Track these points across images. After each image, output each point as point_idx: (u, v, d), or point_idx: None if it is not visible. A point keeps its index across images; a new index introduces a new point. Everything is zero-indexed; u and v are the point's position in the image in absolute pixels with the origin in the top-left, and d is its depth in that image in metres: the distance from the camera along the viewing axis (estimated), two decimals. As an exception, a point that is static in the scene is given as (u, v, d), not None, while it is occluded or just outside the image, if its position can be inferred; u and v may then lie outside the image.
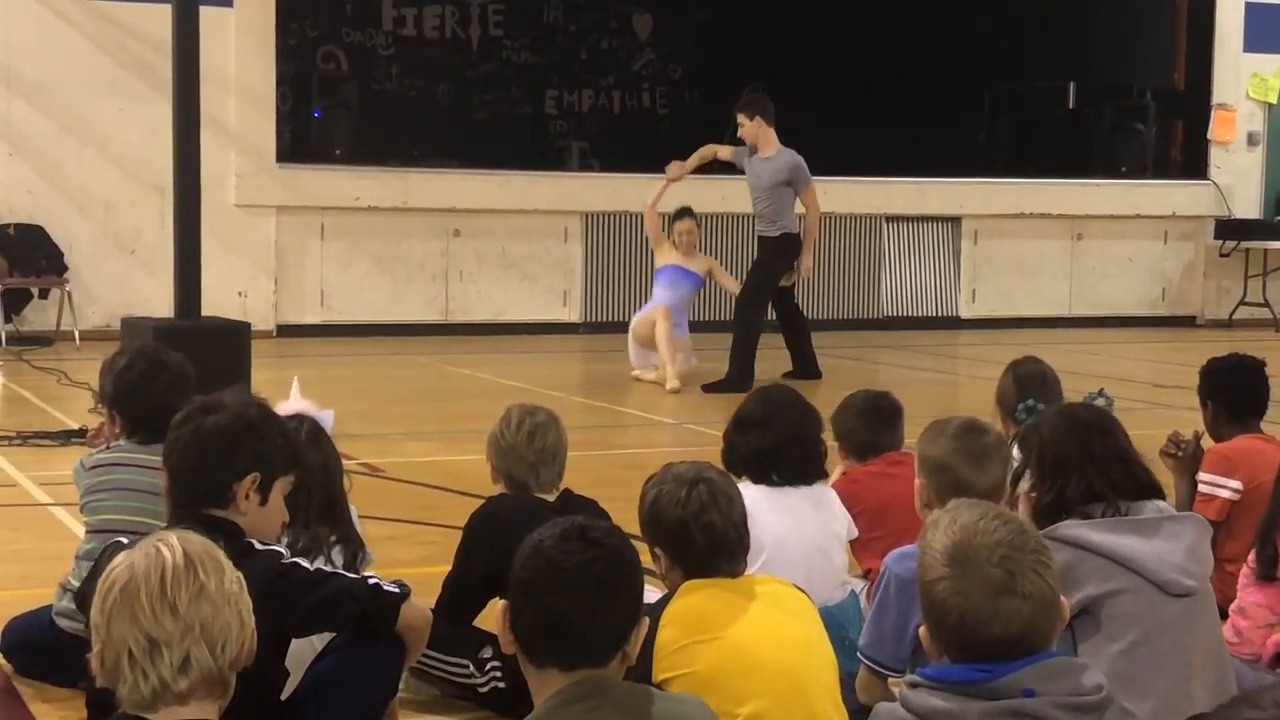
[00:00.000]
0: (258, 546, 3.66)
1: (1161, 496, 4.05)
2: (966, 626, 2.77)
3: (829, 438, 5.19)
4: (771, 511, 4.62)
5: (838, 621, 4.40)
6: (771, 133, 12.29)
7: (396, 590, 3.82)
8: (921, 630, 2.88)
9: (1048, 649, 2.80)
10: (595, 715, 2.74)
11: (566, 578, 2.79)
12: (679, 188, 13.89)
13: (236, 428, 3.75)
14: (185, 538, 2.68)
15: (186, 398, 4.78)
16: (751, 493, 4.38)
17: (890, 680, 4.08)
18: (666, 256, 12.61)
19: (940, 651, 2.83)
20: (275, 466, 3.78)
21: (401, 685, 4.62)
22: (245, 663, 2.65)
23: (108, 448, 4.99)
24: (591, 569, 2.79)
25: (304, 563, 3.77)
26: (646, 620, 2.87)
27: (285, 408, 4.52)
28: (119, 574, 2.63)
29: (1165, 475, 4.41)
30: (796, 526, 4.75)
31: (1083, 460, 3.96)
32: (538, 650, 2.81)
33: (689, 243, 12.57)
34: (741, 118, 12.33)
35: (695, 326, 13.13)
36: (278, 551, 3.73)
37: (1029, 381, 5.90)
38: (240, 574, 2.68)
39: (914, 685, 2.83)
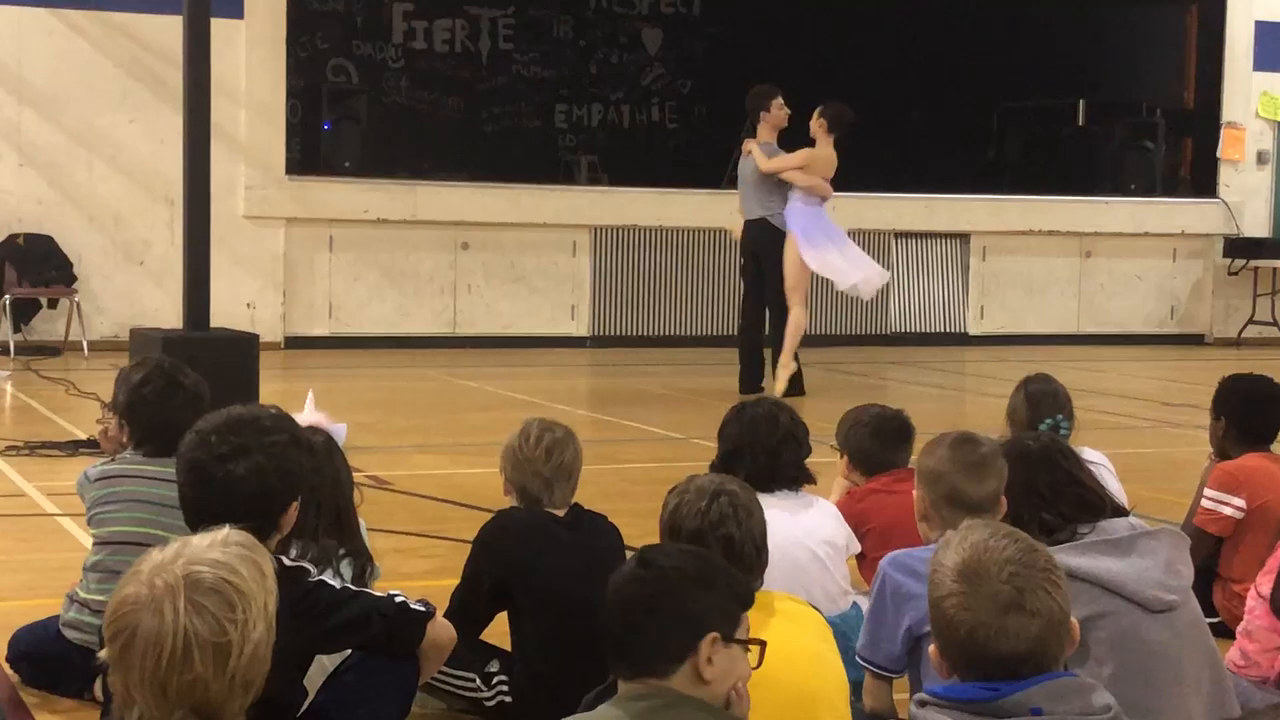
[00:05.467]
0: (286, 563, 3.63)
1: (1125, 514, 4.06)
2: (975, 642, 2.77)
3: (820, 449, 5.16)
4: None
5: (841, 631, 4.41)
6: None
7: (423, 609, 3.80)
8: (931, 649, 2.89)
9: (1056, 669, 2.80)
10: (653, 714, 2.89)
11: (612, 598, 2.98)
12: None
13: (298, 456, 3.68)
14: (209, 584, 2.52)
15: (199, 417, 4.78)
16: None
17: (895, 684, 4.12)
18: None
19: (949, 670, 2.84)
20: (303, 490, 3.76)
21: (408, 699, 4.63)
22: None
23: (113, 460, 5.00)
24: (629, 589, 2.96)
25: (330, 580, 3.75)
26: (714, 637, 2.94)
27: (299, 420, 4.51)
28: (126, 619, 2.52)
29: (1143, 490, 4.40)
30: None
31: (1030, 490, 3.99)
32: (609, 663, 3.01)
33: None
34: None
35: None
36: (304, 569, 3.70)
37: (1041, 399, 5.90)
38: (270, 603, 2.58)
39: (922, 703, 2.83)
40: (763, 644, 3.02)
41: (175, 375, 5.01)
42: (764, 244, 12.23)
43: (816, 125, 12.23)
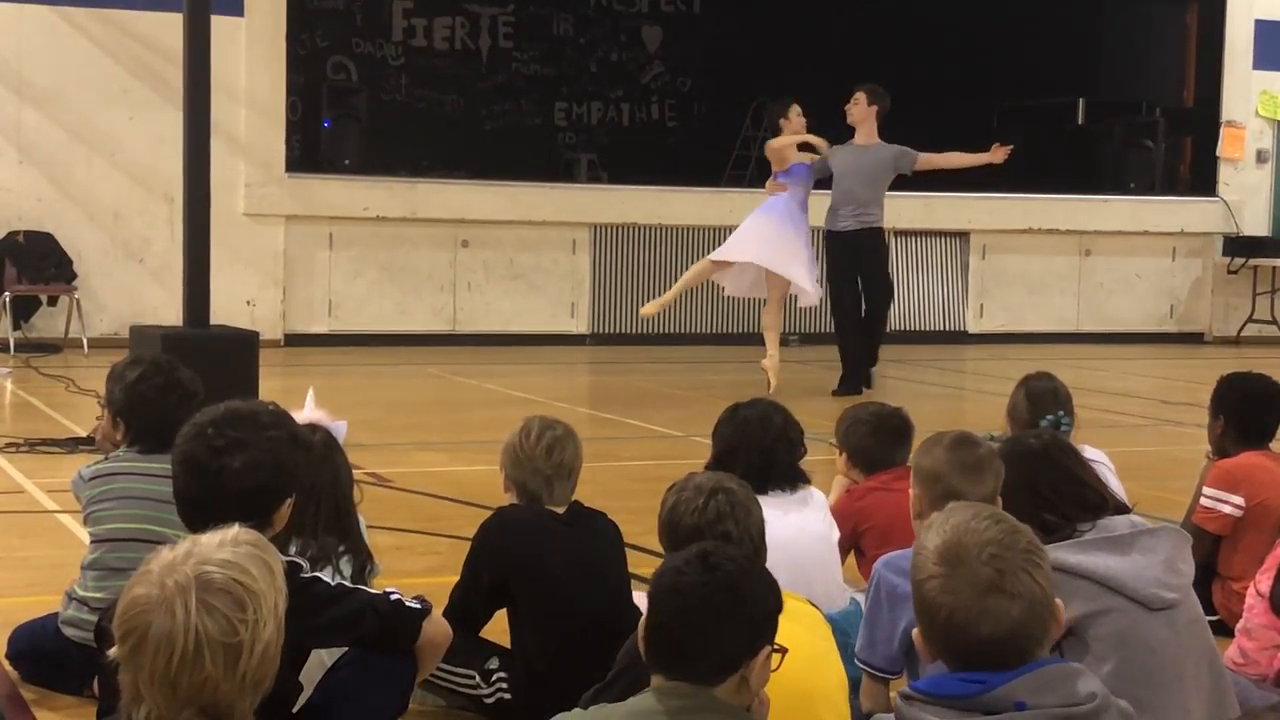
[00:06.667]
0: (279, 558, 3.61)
1: (1127, 511, 4.06)
2: (955, 625, 2.75)
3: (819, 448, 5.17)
4: None
5: (841, 628, 4.42)
6: (875, 125, 12.39)
7: (418, 606, 3.78)
8: (915, 632, 2.87)
9: (1039, 651, 2.78)
10: (688, 714, 2.89)
11: (679, 599, 2.94)
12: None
13: (294, 454, 3.66)
14: (220, 585, 2.53)
15: (180, 415, 4.78)
16: None
17: (893, 683, 4.13)
18: (793, 157, 12.20)
19: (933, 654, 2.83)
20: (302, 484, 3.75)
21: (407, 695, 4.62)
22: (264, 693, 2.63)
23: (107, 458, 4.99)
24: (701, 593, 2.93)
25: (324, 577, 3.74)
26: (768, 650, 2.96)
27: (299, 417, 4.50)
28: (137, 619, 2.52)
29: (1142, 489, 4.41)
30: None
31: (1031, 489, 3.99)
32: (650, 659, 2.98)
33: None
34: (860, 96, 12.38)
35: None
36: (297, 564, 3.68)
37: (1041, 396, 5.90)
38: (280, 603, 2.59)
39: (907, 699, 2.81)
40: (784, 650, 3.01)
41: (172, 372, 5.00)
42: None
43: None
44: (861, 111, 12.37)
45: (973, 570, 2.75)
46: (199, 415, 3.67)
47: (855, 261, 12.38)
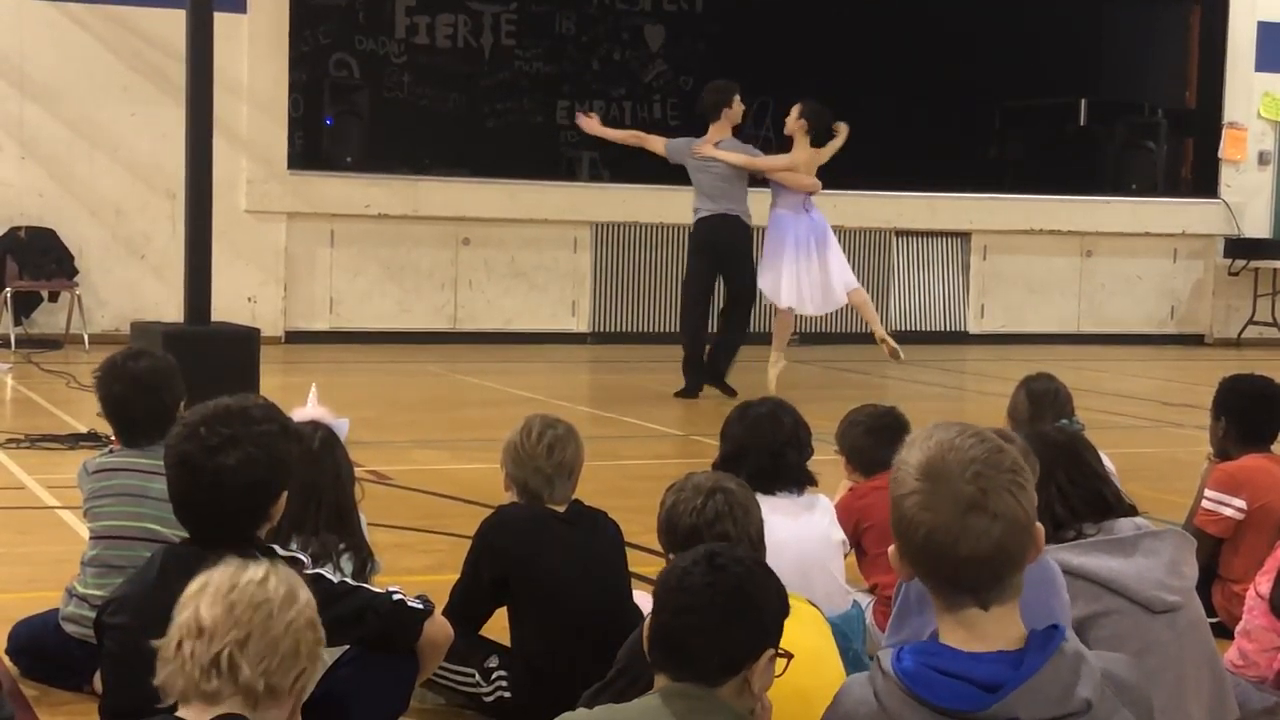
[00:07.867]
0: (281, 554, 3.62)
1: (1135, 514, 4.06)
2: (934, 544, 2.65)
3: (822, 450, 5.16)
4: None
5: (841, 632, 4.41)
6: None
7: (420, 606, 3.78)
8: (891, 549, 2.79)
9: (1018, 573, 2.68)
10: (693, 715, 2.89)
11: (683, 598, 2.94)
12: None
13: (286, 446, 3.65)
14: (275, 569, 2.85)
15: (151, 402, 4.80)
16: None
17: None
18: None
19: (909, 572, 2.75)
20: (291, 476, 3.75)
21: (407, 693, 4.62)
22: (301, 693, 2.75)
23: (110, 452, 5.01)
24: (705, 593, 2.94)
25: (328, 574, 3.73)
26: (771, 652, 2.98)
27: (301, 414, 4.50)
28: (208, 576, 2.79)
29: (1143, 490, 4.41)
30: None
31: (1047, 481, 3.98)
32: (654, 658, 2.98)
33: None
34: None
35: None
36: (300, 560, 3.68)
37: (1042, 397, 5.91)
38: (315, 614, 2.82)
39: (887, 678, 2.68)
40: (789, 656, 3.02)
41: (115, 364, 5.07)
42: (734, 240, 11.91)
43: (796, 125, 11.92)
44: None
45: (955, 488, 2.64)
46: (189, 415, 3.64)
47: None
